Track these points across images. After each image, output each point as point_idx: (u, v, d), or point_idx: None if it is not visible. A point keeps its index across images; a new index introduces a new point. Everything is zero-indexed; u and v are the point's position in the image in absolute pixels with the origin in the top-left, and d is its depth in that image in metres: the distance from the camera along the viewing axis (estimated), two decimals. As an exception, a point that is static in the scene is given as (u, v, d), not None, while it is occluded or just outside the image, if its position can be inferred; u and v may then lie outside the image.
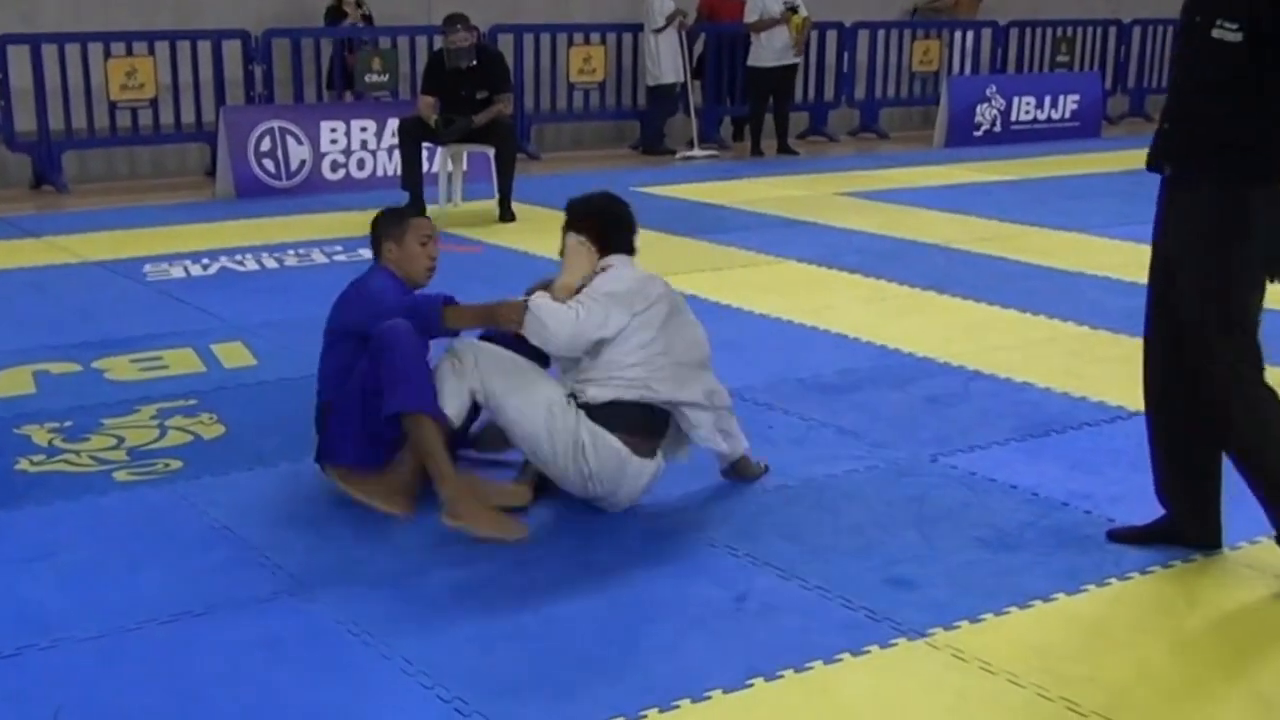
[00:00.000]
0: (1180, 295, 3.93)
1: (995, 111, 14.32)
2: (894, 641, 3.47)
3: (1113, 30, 16.39)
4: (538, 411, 4.11)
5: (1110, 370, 5.81)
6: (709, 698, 3.19)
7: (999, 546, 4.05)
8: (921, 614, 3.61)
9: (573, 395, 4.17)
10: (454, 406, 4.16)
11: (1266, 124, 3.66)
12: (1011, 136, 14.34)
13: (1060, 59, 16.04)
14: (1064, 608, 3.68)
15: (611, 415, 4.14)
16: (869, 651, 3.42)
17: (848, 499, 4.42)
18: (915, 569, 3.89)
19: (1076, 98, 14.91)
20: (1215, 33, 3.63)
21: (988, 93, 14.32)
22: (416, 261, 4.56)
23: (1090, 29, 16.30)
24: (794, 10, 13.02)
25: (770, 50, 13.04)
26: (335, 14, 12.35)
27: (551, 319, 4.13)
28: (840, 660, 3.37)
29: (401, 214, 4.73)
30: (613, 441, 4.11)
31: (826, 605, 3.67)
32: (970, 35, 15.60)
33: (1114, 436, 5.01)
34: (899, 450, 4.85)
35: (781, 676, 3.29)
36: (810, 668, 3.33)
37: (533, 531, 4.12)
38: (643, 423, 4.19)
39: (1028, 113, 14.56)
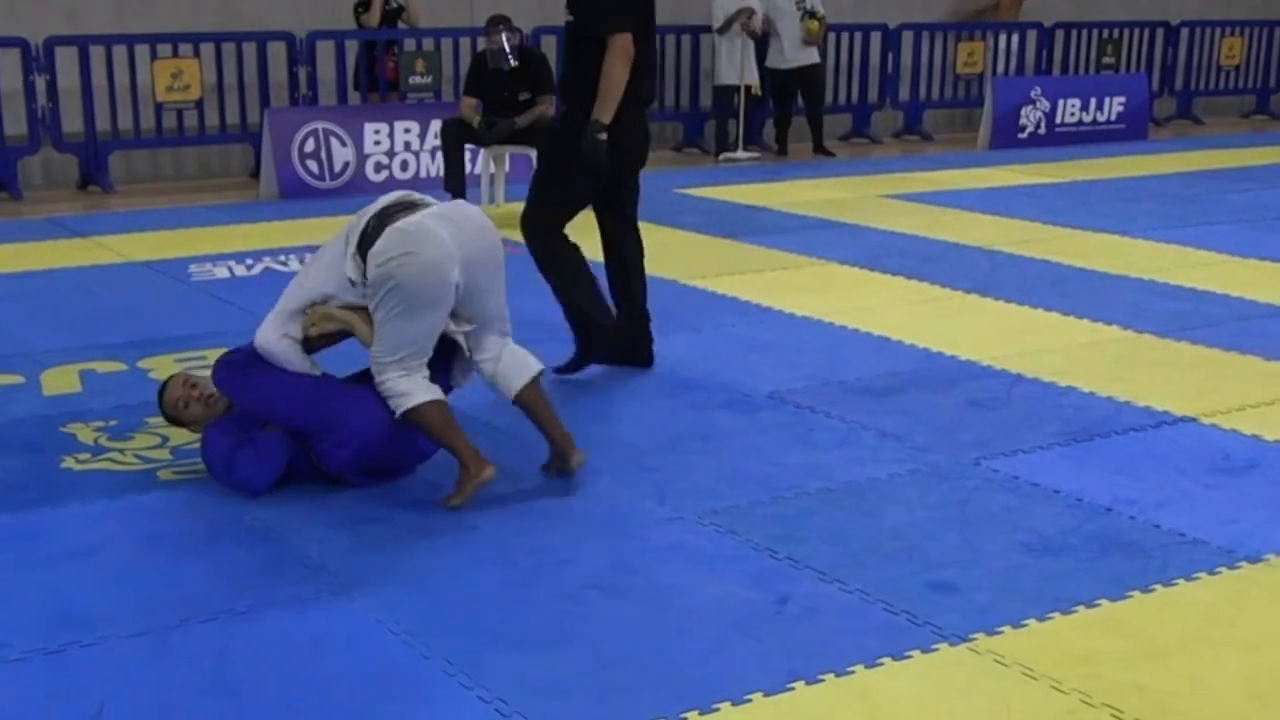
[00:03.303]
0: None
1: (1040, 114, 14.23)
2: (936, 646, 3.45)
3: (1160, 32, 16.27)
4: None
5: (1156, 374, 5.77)
6: (749, 701, 3.18)
7: (1042, 551, 4.02)
8: (963, 619, 3.58)
9: None
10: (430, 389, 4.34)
11: None
12: (1056, 139, 14.24)
13: (1106, 61, 15.92)
14: (1108, 614, 3.65)
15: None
16: (910, 656, 3.40)
17: (889, 502, 4.40)
18: (957, 573, 3.86)
19: (1123, 100, 14.80)
20: None
21: (1032, 95, 14.23)
22: None
23: (1137, 30, 16.18)
24: (811, 14, 13.00)
25: (785, 52, 13.02)
26: (363, 8, 12.38)
27: None
28: (881, 664, 3.36)
29: None
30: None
31: (868, 609, 3.65)
32: (1015, 37, 15.51)
33: (1159, 441, 4.97)
34: (941, 454, 4.82)
35: (822, 680, 3.28)
36: (851, 671, 3.32)
37: (573, 533, 4.13)
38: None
39: (1073, 115, 14.46)
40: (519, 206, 9.66)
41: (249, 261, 8.11)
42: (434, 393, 4.31)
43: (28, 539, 4.08)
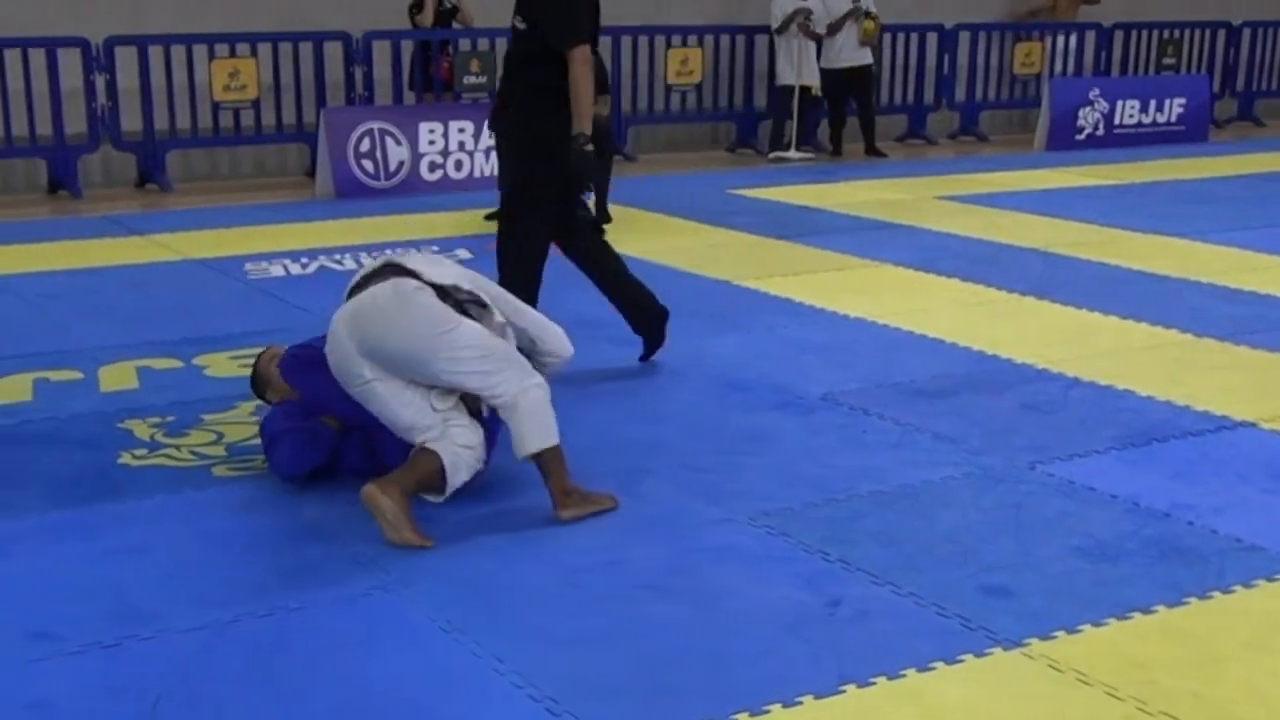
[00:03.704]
0: None
1: (1098, 115, 14.10)
2: (989, 650, 3.42)
3: (1222, 32, 16.08)
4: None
5: (1215, 379, 5.70)
6: (800, 703, 3.17)
7: (1098, 556, 3.98)
8: (1017, 623, 3.55)
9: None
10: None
11: None
12: (1115, 140, 14.11)
13: (1166, 61, 15.75)
14: (1165, 620, 3.61)
15: None
16: (963, 660, 3.38)
17: (943, 505, 4.37)
18: (1011, 577, 3.83)
19: (1183, 101, 14.64)
20: None
21: (1091, 96, 14.10)
22: None
23: (1198, 31, 16.00)
24: (867, 14, 12.95)
25: (840, 52, 12.98)
26: (416, 9, 12.43)
27: None
28: (934, 668, 3.33)
29: None
30: None
31: (921, 612, 3.63)
32: (1073, 37, 15.37)
33: (1218, 446, 4.91)
34: (996, 457, 4.79)
35: (874, 683, 3.26)
36: (904, 675, 3.30)
37: (624, 534, 4.12)
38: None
39: (1132, 116, 14.32)
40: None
41: (304, 260, 8.16)
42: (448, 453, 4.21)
43: (85, 534, 4.12)
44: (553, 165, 5.62)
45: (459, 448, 4.18)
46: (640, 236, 8.88)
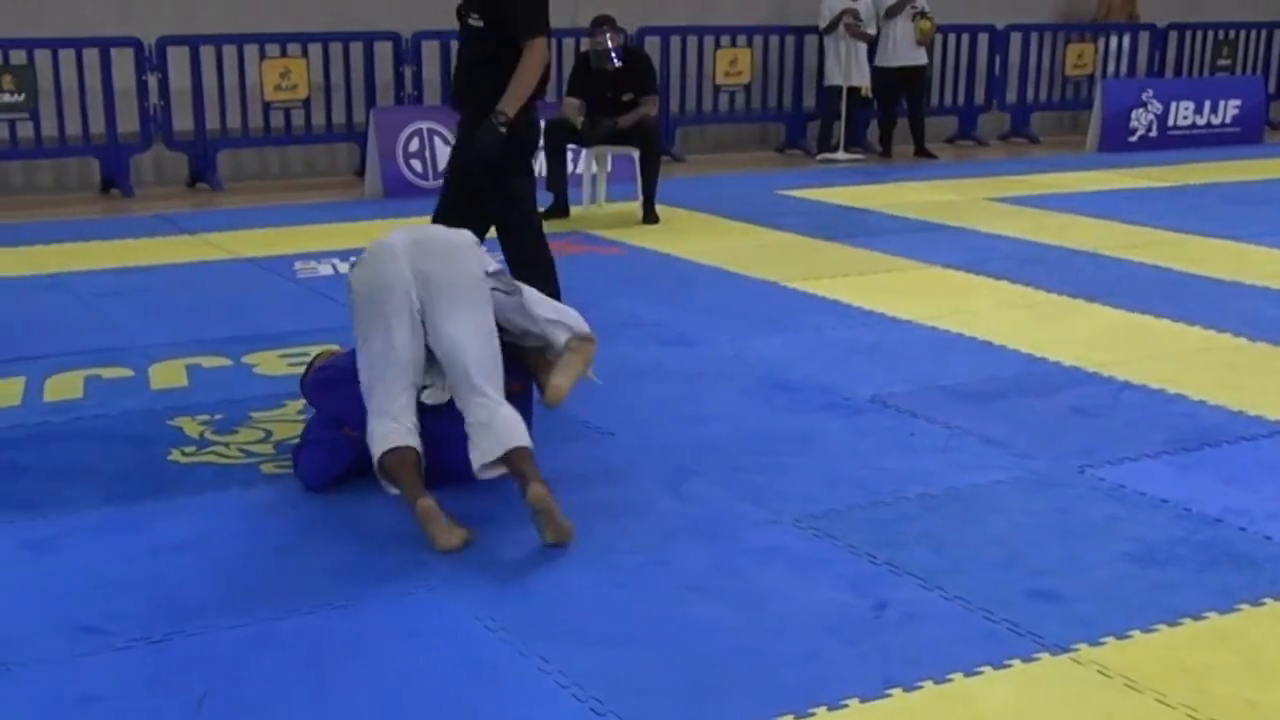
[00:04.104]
0: None
1: (1151, 116, 13.98)
2: (1036, 655, 3.39)
3: (1277, 33, 15.90)
4: None
5: (1269, 383, 5.63)
6: (846, 706, 3.15)
7: (1148, 562, 3.94)
8: (1065, 628, 3.52)
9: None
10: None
11: None
12: (1168, 142, 13.98)
13: (1221, 63, 15.60)
14: (1217, 627, 3.56)
15: None
16: (1011, 665, 3.35)
17: (991, 509, 4.34)
18: (1060, 582, 3.80)
19: (1238, 103, 14.49)
20: None
21: (1144, 97, 13.98)
22: None
23: (1254, 32, 15.83)
24: (923, 14, 12.88)
25: (895, 51, 12.91)
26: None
27: None
28: (981, 673, 3.31)
29: None
30: None
31: (968, 616, 3.60)
32: (1126, 38, 15.24)
33: (1273, 451, 4.86)
34: (1044, 460, 4.75)
35: (920, 687, 3.23)
36: (950, 679, 3.27)
37: (670, 535, 4.11)
38: None
39: (1186, 118, 14.18)
40: (621, 207, 9.81)
41: (352, 259, 8.15)
42: (390, 441, 4.16)
43: (134, 530, 4.15)
44: (527, 162, 5.69)
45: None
46: (688, 237, 8.87)
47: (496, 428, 4.13)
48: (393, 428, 4.19)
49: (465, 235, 4.54)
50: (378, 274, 4.33)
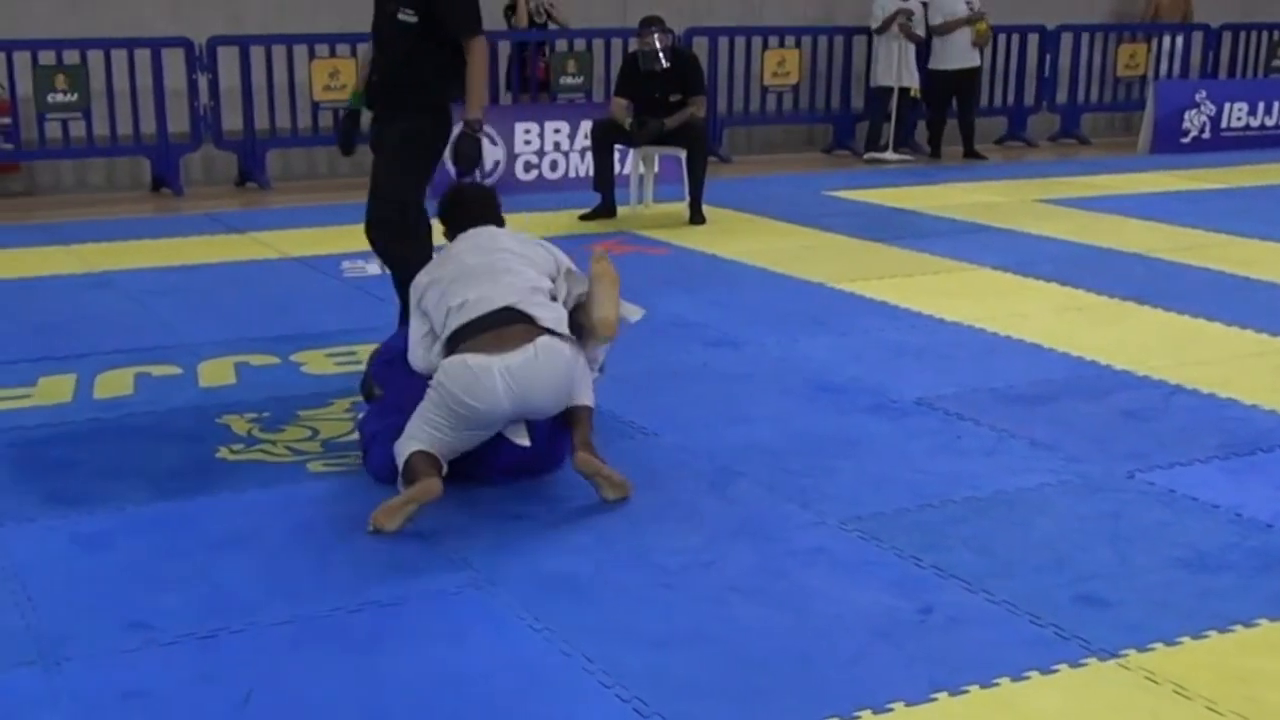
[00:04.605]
0: None
1: (1204, 118, 13.84)
2: (1084, 661, 3.36)
3: (1332, 34, 15.73)
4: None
5: (1322, 387, 5.57)
6: (891, 709, 3.13)
7: (1198, 567, 3.90)
8: (1114, 634, 3.49)
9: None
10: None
11: None
12: (1221, 144, 13.84)
13: (1276, 63, 15.43)
14: (1269, 634, 3.52)
15: (450, 349, 4.35)
16: (1058, 670, 3.32)
17: (1039, 513, 4.30)
18: (1108, 587, 3.76)
19: (1292, 104, 14.33)
20: None
21: (1197, 98, 13.84)
22: None
23: (1309, 32, 15.66)
24: (980, 16, 12.81)
25: (952, 53, 12.84)
26: (510, 10, 12.49)
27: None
28: (1028, 678, 3.28)
29: None
30: (452, 358, 4.27)
31: (1014, 621, 3.57)
32: (1179, 39, 15.10)
33: (1325, 457, 4.79)
34: (1094, 465, 4.71)
35: (966, 691, 3.21)
36: (997, 684, 3.25)
37: (715, 536, 4.11)
38: (474, 333, 4.29)
39: (1239, 119, 14.03)
40: (668, 207, 9.80)
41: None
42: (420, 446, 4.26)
43: (182, 526, 4.18)
44: (431, 165, 5.71)
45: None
46: (734, 238, 8.86)
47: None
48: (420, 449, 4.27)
49: (564, 355, 4.34)
50: (473, 402, 4.21)
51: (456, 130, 5.71)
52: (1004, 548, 4.03)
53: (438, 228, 5.09)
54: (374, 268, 7.95)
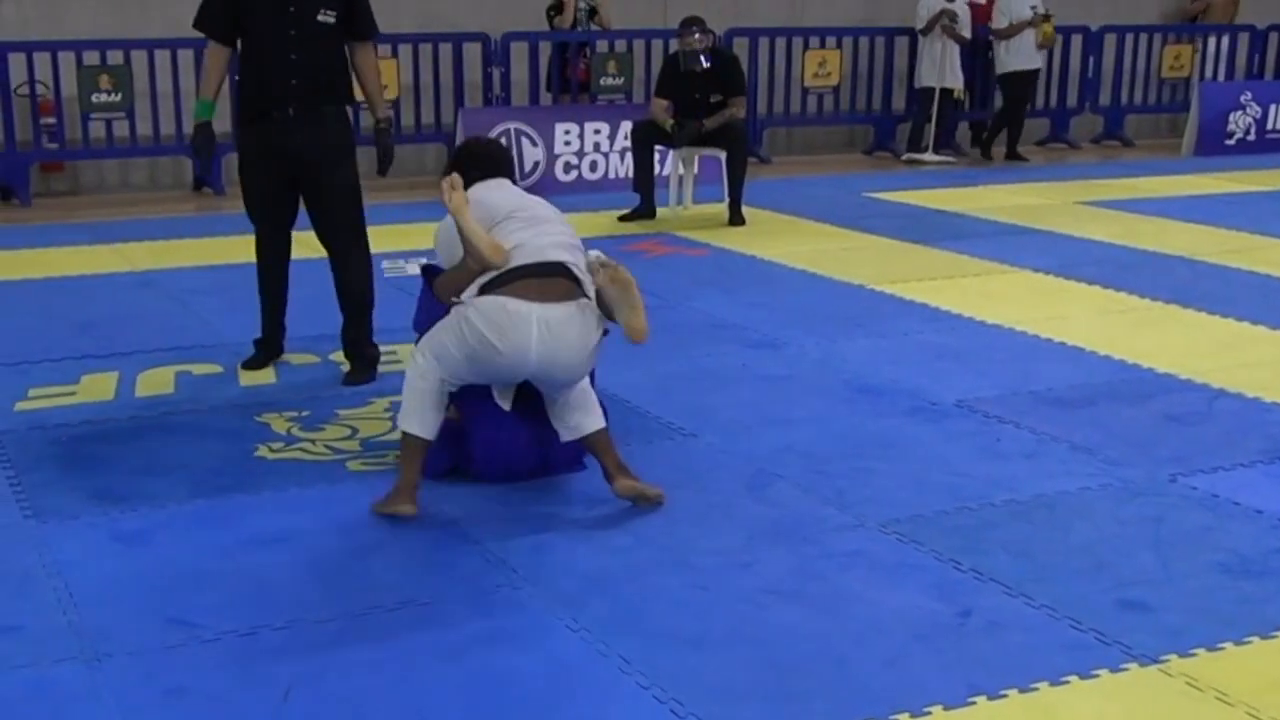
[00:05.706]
0: None
1: (1250, 119, 13.71)
2: (1125, 666, 3.34)
3: (1380, 35, 15.55)
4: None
5: (1368, 392, 5.51)
6: (928, 713, 3.12)
7: (1241, 573, 3.87)
8: (1155, 639, 3.46)
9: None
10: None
11: None
12: (1267, 145, 13.70)
13: (1323, 65, 15.27)
14: (1312, 641, 3.49)
15: (490, 287, 4.21)
16: (1098, 675, 3.30)
17: (1079, 517, 4.27)
18: (1149, 592, 3.73)
19: (1340, 106, 14.17)
20: None
21: (1242, 100, 13.71)
22: None
23: (1357, 33, 15.48)
24: (1046, 17, 12.73)
25: (1021, 55, 12.77)
26: (555, 10, 12.51)
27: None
28: (1067, 682, 3.26)
29: None
30: (488, 298, 4.16)
31: (1054, 625, 3.55)
32: (1225, 40, 14.97)
33: (1371, 462, 4.74)
34: (1135, 469, 4.67)
35: (1005, 696, 3.19)
36: (1035, 688, 3.23)
37: (753, 538, 4.10)
38: (516, 278, 4.19)
39: (1286, 121, 13.90)
40: (708, 208, 9.79)
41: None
42: (428, 429, 4.26)
43: (222, 524, 4.21)
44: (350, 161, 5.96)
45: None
46: (774, 239, 8.84)
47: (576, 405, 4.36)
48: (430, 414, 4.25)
49: (595, 329, 4.28)
50: (501, 345, 4.12)
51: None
52: (1044, 551, 4.00)
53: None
54: (413, 267, 7.98)
